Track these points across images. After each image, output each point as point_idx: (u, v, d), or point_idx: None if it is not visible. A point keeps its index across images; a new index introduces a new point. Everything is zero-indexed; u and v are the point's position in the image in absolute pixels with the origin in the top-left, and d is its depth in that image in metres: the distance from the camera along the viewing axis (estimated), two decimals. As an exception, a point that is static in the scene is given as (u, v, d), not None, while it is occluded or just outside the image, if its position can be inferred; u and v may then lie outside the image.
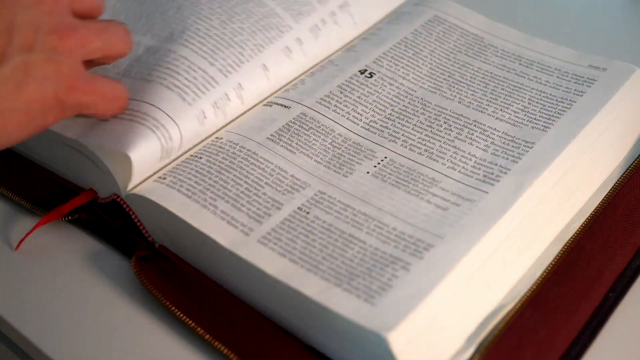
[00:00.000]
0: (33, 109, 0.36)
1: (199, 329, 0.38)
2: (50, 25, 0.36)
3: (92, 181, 0.44)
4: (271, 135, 0.44)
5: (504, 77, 0.48)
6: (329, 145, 0.44)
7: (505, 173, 0.41)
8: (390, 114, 0.46)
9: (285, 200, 0.40)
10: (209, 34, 0.47)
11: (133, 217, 0.42)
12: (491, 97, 0.46)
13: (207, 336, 0.37)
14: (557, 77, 0.47)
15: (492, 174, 0.41)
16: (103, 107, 0.40)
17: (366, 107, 0.46)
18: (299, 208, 0.40)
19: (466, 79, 0.48)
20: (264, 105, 0.47)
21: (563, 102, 0.45)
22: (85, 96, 0.38)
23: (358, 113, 0.46)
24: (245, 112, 0.47)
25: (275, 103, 0.47)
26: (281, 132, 0.44)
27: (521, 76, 0.48)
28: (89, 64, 0.40)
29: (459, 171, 0.41)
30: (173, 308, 0.39)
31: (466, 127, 0.44)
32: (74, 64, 0.37)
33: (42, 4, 0.36)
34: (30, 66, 0.35)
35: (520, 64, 0.49)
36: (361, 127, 0.45)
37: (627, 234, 0.41)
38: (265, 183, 0.41)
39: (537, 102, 0.46)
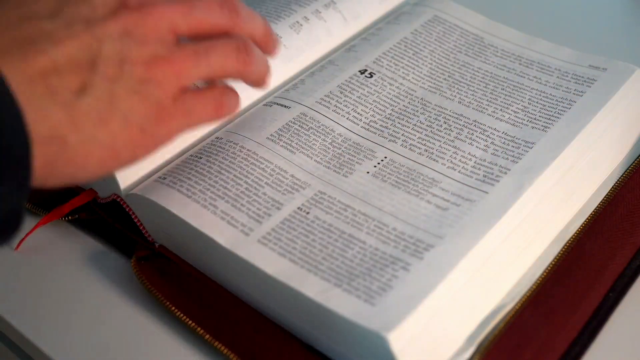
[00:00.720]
0: (118, 144, 0.33)
1: (199, 329, 0.38)
2: (139, 57, 0.33)
3: (92, 181, 0.44)
4: (271, 135, 0.44)
5: (504, 77, 0.48)
6: (329, 145, 0.44)
7: (505, 173, 0.41)
8: (390, 114, 0.46)
9: (285, 200, 0.40)
10: None
11: (133, 217, 0.42)
12: (491, 97, 0.46)
13: (207, 336, 0.37)
14: (557, 77, 0.48)
15: (492, 174, 0.41)
16: (202, 122, 0.37)
17: (366, 107, 0.46)
18: (298, 208, 0.40)
19: (466, 79, 0.48)
20: (264, 105, 0.47)
21: (563, 102, 0.45)
22: (176, 122, 0.35)
23: (358, 113, 0.46)
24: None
25: (275, 103, 0.47)
26: (281, 132, 0.44)
27: (521, 76, 0.48)
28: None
29: (459, 171, 0.41)
30: (173, 308, 0.39)
31: (466, 127, 0.44)
32: (163, 94, 0.34)
33: (132, 36, 0.33)
34: (115, 97, 0.33)
35: (520, 64, 0.49)
36: (361, 127, 0.45)
37: (627, 234, 0.41)
38: (265, 183, 0.41)
39: (537, 102, 0.46)
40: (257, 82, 0.40)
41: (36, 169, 0.31)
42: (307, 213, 0.39)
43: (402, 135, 0.44)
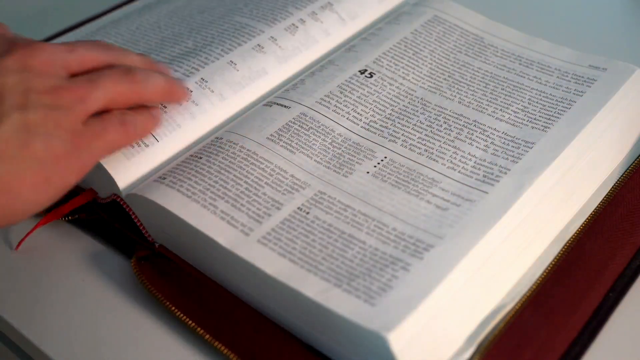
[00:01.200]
0: (46, 167, 0.34)
1: (199, 329, 0.38)
2: (42, 87, 0.35)
3: (92, 181, 0.44)
4: (271, 135, 0.44)
5: (504, 77, 0.48)
6: (329, 145, 0.44)
7: (505, 173, 0.41)
8: (390, 114, 0.46)
9: (285, 200, 0.40)
10: (182, 51, 0.51)
11: (133, 217, 0.42)
12: (491, 97, 0.46)
13: (207, 336, 0.37)
14: (557, 77, 0.48)
15: (492, 174, 0.41)
16: (117, 142, 0.39)
17: (366, 107, 0.46)
18: (298, 208, 0.40)
19: (466, 79, 0.48)
20: (264, 105, 0.47)
21: (563, 102, 0.45)
22: (94, 143, 0.37)
23: (358, 113, 0.46)
24: (244, 109, 0.47)
25: (275, 103, 0.47)
26: (281, 132, 0.44)
27: (521, 76, 0.48)
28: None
29: (458, 171, 0.41)
30: (173, 308, 0.39)
31: (466, 127, 0.44)
32: (74, 118, 0.36)
33: (30, 68, 0.36)
34: (30, 123, 0.34)
35: (520, 64, 0.49)
36: (361, 127, 0.45)
37: (627, 234, 0.41)
38: (265, 183, 0.41)
39: (537, 102, 0.46)
40: (164, 97, 0.42)
41: None
42: (307, 213, 0.39)
43: (402, 135, 0.44)
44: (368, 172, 0.42)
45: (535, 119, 0.44)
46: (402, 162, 0.42)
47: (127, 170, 0.42)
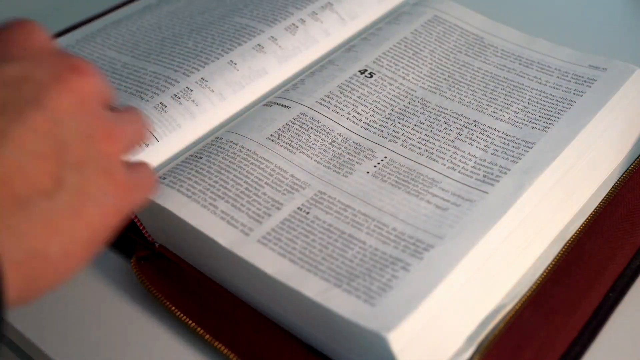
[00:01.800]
0: (95, 234, 0.29)
1: (199, 329, 0.38)
2: (99, 130, 0.29)
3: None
4: (271, 135, 0.44)
5: (504, 77, 0.48)
6: (329, 145, 0.44)
7: (505, 173, 0.41)
8: (390, 114, 0.46)
9: (285, 200, 0.40)
10: (182, 52, 0.51)
11: (133, 217, 0.42)
12: (491, 97, 0.46)
13: (207, 336, 0.37)
14: (557, 77, 0.48)
15: (492, 174, 0.41)
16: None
17: (366, 107, 0.46)
18: (298, 208, 0.40)
19: (466, 79, 0.48)
20: (264, 105, 0.47)
21: (563, 102, 0.45)
22: (139, 193, 0.32)
23: (358, 113, 0.46)
24: (248, 109, 0.47)
25: (275, 103, 0.47)
26: (281, 132, 0.44)
27: (521, 76, 0.48)
28: None
29: (458, 171, 0.41)
30: (173, 308, 0.39)
31: (466, 127, 0.44)
32: (122, 166, 0.31)
33: (86, 107, 0.29)
34: (86, 184, 0.28)
35: (520, 64, 0.49)
36: (361, 127, 0.45)
37: (627, 234, 0.41)
38: (265, 183, 0.41)
39: (537, 102, 0.46)
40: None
41: (12, 292, 0.26)
42: (307, 213, 0.39)
43: (402, 135, 0.44)
44: (368, 172, 0.42)
45: (535, 119, 0.44)
46: (402, 162, 0.42)
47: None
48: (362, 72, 0.48)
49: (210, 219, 0.39)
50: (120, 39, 0.55)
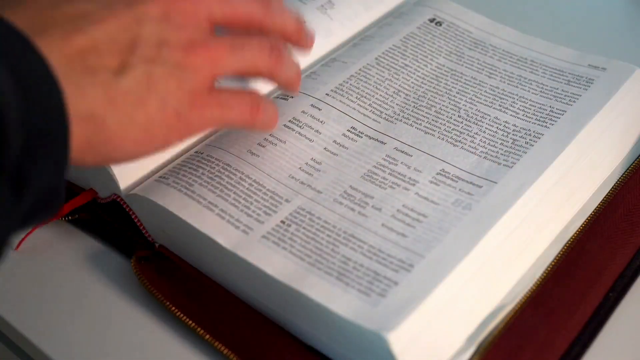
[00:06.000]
0: (153, 127, 0.33)
1: (199, 329, 0.38)
2: (177, 41, 0.34)
3: (92, 181, 0.44)
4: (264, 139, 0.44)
5: (502, 78, 0.48)
6: (332, 142, 0.44)
7: (506, 173, 0.41)
8: (390, 115, 0.46)
9: (286, 200, 0.40)
10: None
11: (133, 217, 0.42)
12: (491, 99, 0.46)
13: (207, 336, 0.37)
14: (557, 77, 0.47)
15: (492, 174, 0.41)
16: (236, 120, 0.38)
17: (366, 108, 0.46)
18: (300, 207, 0.40)
19: (465, 80, 0.48)
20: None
21: (563, 102, 0.45)
22: (210, 111, 0.36)
23: (360, 111, 0.46)
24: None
25: (278, 97, 0.47)
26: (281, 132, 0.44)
27: (520, 76, 0.48)
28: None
29: (459, 171, 0.41)
30: (173, 308, 0.39)
31: (466, 128, 0.44)
32: (199, 81, 0.35)
33: (171, 19, 0.34)
34: (153, 79, 0.33)
35: (519, 64, 0.49)
36: (359, 130, 0.45)
37: (627, 234, 0.41)
38: (266, 183, 0.41)
39: (536, 102, 0.46)
40: (287, 84, 0.41)
41: (74, 147, 0.31)
42: (309, 212, 0.39)
43: (402, 135, 0.44)
44: (368, 172, 0.42)
45: (535, 119, 0.44)
46: (403, 161, 0.42)
47: (128, 170, 0.42)
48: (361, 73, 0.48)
49: (210, 219, 0.39)
50: None
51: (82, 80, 0.31)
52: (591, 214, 0.42)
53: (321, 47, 0.52)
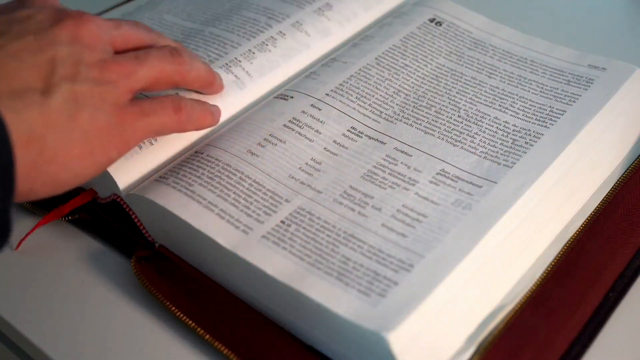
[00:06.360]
0: (90, 139, 0.35)
1: (199, 329, 0.38)
2: (91, 60, 0.36)
3: (92, 181, 0.44)
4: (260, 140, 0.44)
5: (502, 78, 0.48)
6: (332, 142, 0.44)
7: (506, 173, 0.41)
8: (390, 115, 0.46)
9: (286, 200, 0.40)
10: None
11: (133, 217, 0.42)
12: (491, 99, 0.46)
13: (207, 336, 0.37)
14: (557, 76, 0.47)
15: (492, 174, 0.41)
16: (164, 124, 0.39)
17: (366, 109, 0.46)
18: (299, 207, 0.40)
19: (465, 80, 0.48)
20: (274, 97, 0.47)
21: (563, 102, 0.45)
22: (137, 121, 0.37)
23: (352, 117, 0.46)
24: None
25: (282, 95, 0.47)
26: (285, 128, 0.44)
27: (520, 76, 0.48)
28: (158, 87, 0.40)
29: (459, 171, 0.41)
30: (173, 308, 0.39)
31: (466, 128, 0.44)
32: (119, 94, 0.36)
33: (80, 40, 0.36)
34: (78, 96, 0.35)
35: (519, 64, 0.49)
36: (359, 130, 0.45)
37: (627, 234, 0.41)
38: (266, 183, 0.41)
39: (536, 103, 0.46)
40: (201, 82, 0.43)
41: (20, 172, 0.32)
42: (309, 212, 0.39)
43: (402, 135, 0.44)
44: (367, 173, 0.42)
45: (535, 119, 0.44)
46: (403, 161, 0.42)
47: (127, 170, 0.42)
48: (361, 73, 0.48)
49: (210, 219, 0.39)
50: None
51: (14, 103, 0.32)
52: (591, 214, 0.42)
53: (321, 47, 0.52)
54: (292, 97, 0.46)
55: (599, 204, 0.43)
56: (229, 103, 0.47)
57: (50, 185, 0.34)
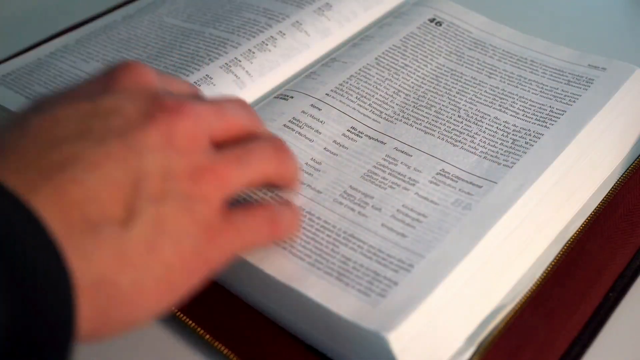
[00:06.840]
0: (172, 274, 0.29)
1: (199, 329, 0.38)
2: (183, 169, 0.29)
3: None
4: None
5: (502, 78, 0.48)
6: (332, 142, 0.44)
7: (505, 173, 0.41)
8: (390, 115, 0.46)
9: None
10: (182, 55, 0.51)
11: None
12: (491, 99, 0.46)
13: (207, 336, 0.37)
14: (557, 76, 0.47)
15: (492, 174, 0.41)
16: (256, 242, 0.34)
17: (366, 108, 0.46)
18: (299, 207, 0.40)
19: (465, 80, 0.48)
20: (274, 97, 0.47)
21: (563, 102, 0.45)
22: (229, 240, 0.31)
23: (352, 117, 0.46)
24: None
25: (282, 95, 0.47)
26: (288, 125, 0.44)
27: (520, 76, 0.48)
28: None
29: (459, 171, 0.41)
30: (173, 308, 0.39)
31: (466, 127, 0.44)
32: (212, 209, 0.30)
33: (173, 143, 0.29)
34: (163, 221, 0.28)
35: (519, 64, 0.49)
36: (359, 130, 0.45)
37: (627, 234, 0.41)
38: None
39: (536, 103, 0.46)
40: (291, 183, 0.37)
41: (84, 323, 0.26)
42: (309, 212, 0.39)
43: (402, 135, 0.44)
44: (367, 173, 0.42)
45: (535, 119, 0.44)
46: (403, 161, 0.42)
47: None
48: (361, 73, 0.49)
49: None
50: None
51: (85, 241, 0.26)
52: (591, 214, 0.42)
53: (321, 47, 0.52)
54: (292, 97, 0.46)
55: (599, 204, 0.43)
56: None
57: (118, 329, 0.29)
